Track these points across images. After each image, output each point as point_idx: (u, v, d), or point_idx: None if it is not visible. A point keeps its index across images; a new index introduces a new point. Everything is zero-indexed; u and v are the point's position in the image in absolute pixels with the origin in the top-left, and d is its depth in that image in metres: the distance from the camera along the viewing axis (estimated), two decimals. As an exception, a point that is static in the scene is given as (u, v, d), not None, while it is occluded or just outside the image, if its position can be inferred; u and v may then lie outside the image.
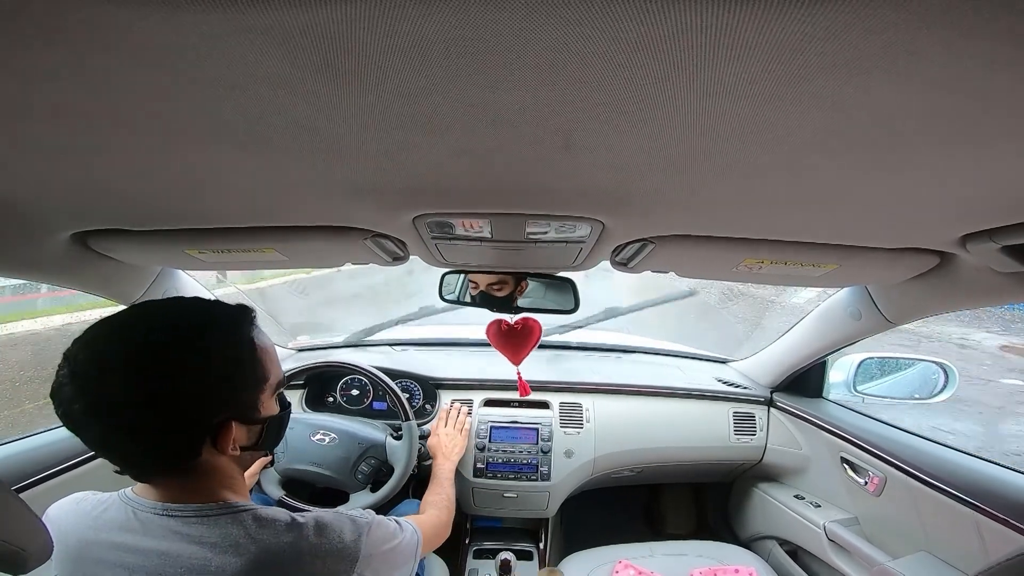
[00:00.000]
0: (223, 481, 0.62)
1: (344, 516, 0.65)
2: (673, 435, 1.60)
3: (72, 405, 0.53)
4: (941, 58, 0.28)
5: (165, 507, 0.58)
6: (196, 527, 0.57)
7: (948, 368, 1.39)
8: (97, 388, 0.52)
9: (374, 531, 0.66)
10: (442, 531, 1.06)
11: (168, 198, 0.64)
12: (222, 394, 0.58)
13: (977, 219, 0.60)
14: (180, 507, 0.58)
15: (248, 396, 0.62)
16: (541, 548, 1.61)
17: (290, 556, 0.58)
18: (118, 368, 0.53)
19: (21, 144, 0.45)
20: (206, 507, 0.58)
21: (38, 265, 0.84)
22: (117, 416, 0.53)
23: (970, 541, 1.03)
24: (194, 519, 0.58)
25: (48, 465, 1.04)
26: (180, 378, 0.54)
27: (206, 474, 0.60)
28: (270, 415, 0.65)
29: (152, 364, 0.53)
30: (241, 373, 0.60)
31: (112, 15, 0.26)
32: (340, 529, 0.62)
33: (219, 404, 0.58)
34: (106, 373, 0.52)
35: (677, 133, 0.40)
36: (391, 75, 0.33)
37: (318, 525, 0.61)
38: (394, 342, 1.96)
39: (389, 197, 0.62)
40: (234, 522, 0.58)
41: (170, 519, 0.58)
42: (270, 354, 0.64)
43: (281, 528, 0.59)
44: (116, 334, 0.56)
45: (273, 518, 0.60)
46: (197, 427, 0.57)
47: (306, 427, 1.35)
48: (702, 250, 0.81)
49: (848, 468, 1.38)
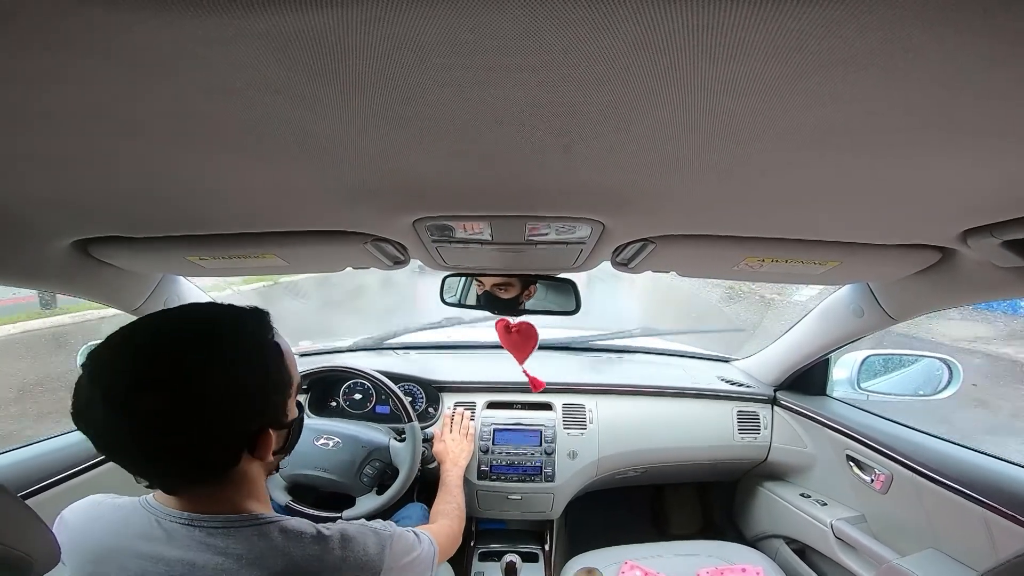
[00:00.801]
0: (250, 491, 0.62)
1: (367, 529, 0.65)
2: (677, 435, 1.60)
3: (107, 425, 0.52)
4: (938, 55, 0.28)
5: (191, 517, 0.58)
6: (223, 538, 0.57)
7: (952, 364, 1.38)
8: (136, 406, 0.50)
9: (396, 544, 0.66)
10: (455, 540, 1.05)
11: (168, 205, 0.64)
12: (256, 402, 0.58)
13: (978, 214, 0.60)
14: (207, 517, 0.58)
15: (280, 401, 0.62)
16: (546, 550, 1.60)
17: (316, 568, 0.58)
18: (157, 384, 0.51)
19: (20, 151, 0.45)
20: (233, 518, 0.58)
21: (38, 273, 0.84)
22: (160, 433, 0.51)
23: (978, 538, 1.03)
24: (221, 530, 0.57)
25: (55, 471, 1.03)
26: (219, 389, 0.53)
27: (235, 484, 0.60)
28: (294, 417, 0.66)
29: (192, 378, 0.52)
30: (270, 379, 0.60)
31: (109, 21, 0.26)
32: (364, 542, 0.63)
33: (255, 412, 0.58)
34: (143, 389, 0.50)
35: (677, 132, 0.40)
36: (390, 78, 0.33)
37: (343, 538, 0.61)
38: (396, 346, 1.96)
39: (389, 201, 0.62)
40: (260, 534, 0.58)
41: (196, 529, 0.57)
42: (291, 357, 0.64)
43: (308, 541, 0.59)
44: (147, 349, 0.54)
45: (300, 531, 0.60)
46: (237, 437, 0.57)
47: (310, 432, 1.35)
48: (703, 249, 0.81)
49: (854, 466, 1.38)
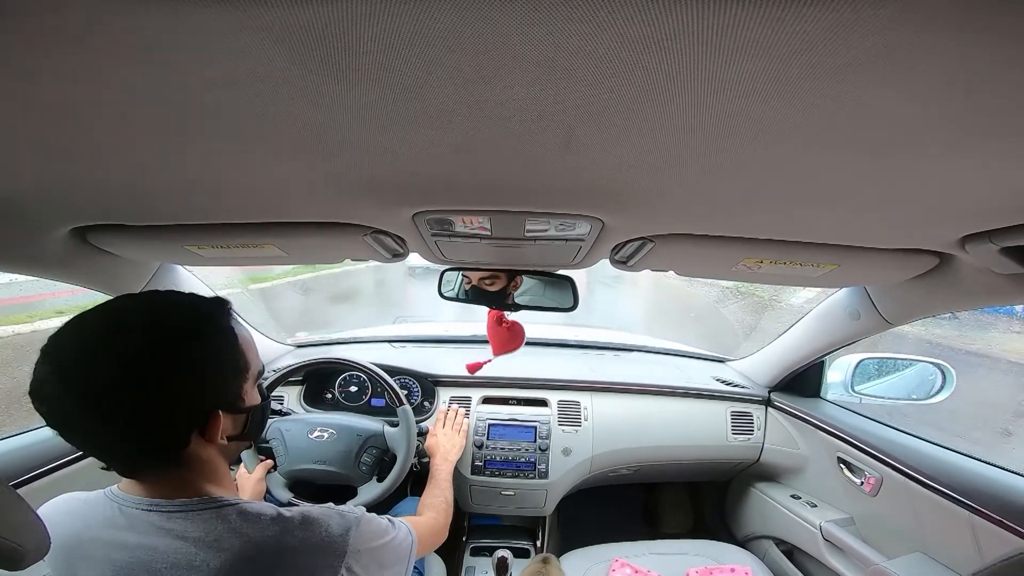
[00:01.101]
0: (208, 474, 0.62)
1: (332, 511, 0.65)
2: (671, 434, 1.60)
3: (59, 401, 0.52)
4: (941, 59, 0.28)
5: (150, 502, 0.59)
6: (180, 522, 0.57)
7: (946, 369, 1.39)
8: (86, 381, 0.52)
9: (363, 526, 0.66)
10: (440, 533, 1.05)
11: (168, 194, 0.64)
12: (208, 383, 0.59)
13: (977, 220, 0.60)
14: (164, 502, 0.58)
15: (233, 385, 0.62)
16: (538, 546, 1.61)
17: (274, 549, 0.58)
18: (108, 360, 0.52)
19: (21, 140, 0.45)
20: (190, 502, 0.59)
21: (37, 260, 0.84)
22: (108, 407, 0.52)
23: (965, 542, 1.04)
24: (178, 514, 0.58)
25: (37, 464, 1.04)
26: (169, 367, 0.54)
27: (192, 467, 0.61)
28: (253, 404, 0.66)
29: (142, 354, 0.53)
30: (224, 362, 0.61)
31: (112, 13, 0.26)
32: (327, 523, 0.62)
33: (206, 393, 0.59)
34: (96, 365, 0.52)
35: (678, 131, 0.40)
36: (391, 72, 0.32)
37: (304, 519, 0.61)
38: (393, 339, 1.96)
39: (389, 194, 0.62)
40: (217, 516, 0.58)
41: (153, 514, 0.58)
42: (249, 344, 0.65)
43: (266, 522, 0.59)
44: (102, 327, 0.55)
45: (258, 512, 0.60)
46: (186, 416, 0.58)
47: (304, 426, 1.35)
48: (702, 249, 0.81)
49: (845, 468, 1.39)
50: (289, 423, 1.36)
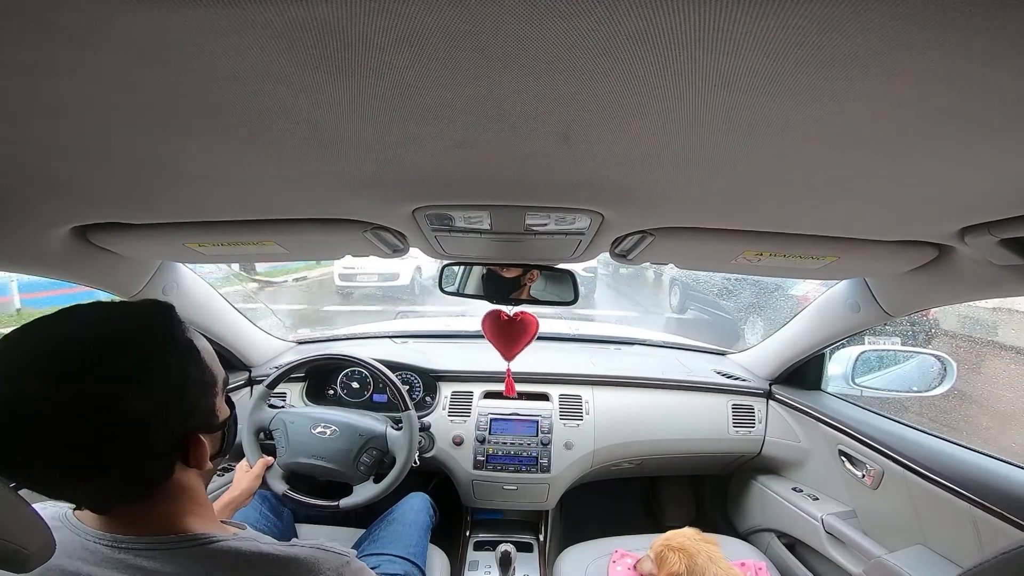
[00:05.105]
0: (187, 506, 0.57)
1: (321, 552, 0.58)
2: (672, 427, 1.61)
3: (18, 449, 0.45)
4: (938, 53, 0.28)
5: (115, 539, 0.53)
6: (150, 561, 0.51)
7: (947, 361, 1.39)
8: (52, 431, 0.45)
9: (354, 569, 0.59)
10: None
11: (168, 192, 0.64)
12: (182, 406, 0.53)
13: (976, 212, 0.60)
14: (132, 539, 0.52)
15: (206, 402, 0.57)
16: (541, 540, 1.62)
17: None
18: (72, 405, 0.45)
19: (21, 138, 0.45)
20: (165, 540, 0.53)
21: (38, 259, 0.84)
22: (82, 456, 0.47)
23: (966, 534, 1.04)
24: (147, 552, 0.52)
25: None
26: (139, 401, 0.48)
27: (173, 498, 0.55)
28: (225, 417, 0.61)
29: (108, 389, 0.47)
30: (192, 380, 0.54)
31: (112, 11, 0.26)
32: (317, 566, 0.56)
33: (181, 417, 0.53)
34: (58, 410, 0.45)
35: (676, 126, 0.40)
36: (390, 68, 0.33)
37: (293, 560, 0.55)
38: (394, 334, 1.97)
39: (389, 189, 0.62)
40: (198, 555, 0.53)
41: (122, 552, 0.52)
42: (211, 353, 0.59)
43: (248, 565, 0.54)
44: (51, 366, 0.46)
45: (240, 551, 0.54)
46: (167, 447, 0.52)
47: (307, 420, 1.35)
48: (702, 242, 0.81)
49: (846, 461, 1.39)
50: (294, 415, 1.37)
